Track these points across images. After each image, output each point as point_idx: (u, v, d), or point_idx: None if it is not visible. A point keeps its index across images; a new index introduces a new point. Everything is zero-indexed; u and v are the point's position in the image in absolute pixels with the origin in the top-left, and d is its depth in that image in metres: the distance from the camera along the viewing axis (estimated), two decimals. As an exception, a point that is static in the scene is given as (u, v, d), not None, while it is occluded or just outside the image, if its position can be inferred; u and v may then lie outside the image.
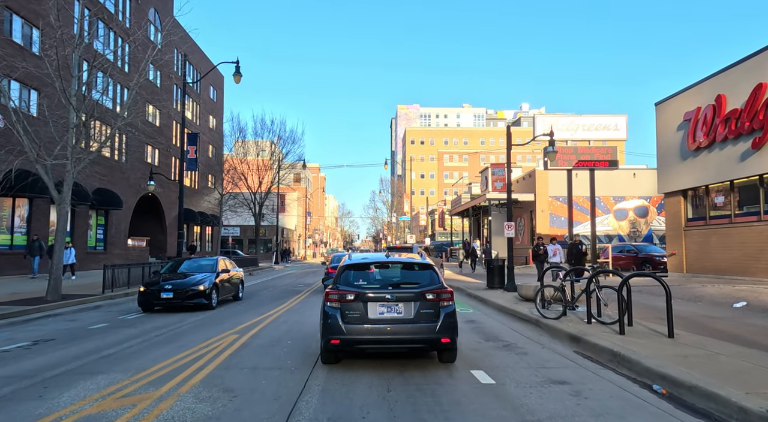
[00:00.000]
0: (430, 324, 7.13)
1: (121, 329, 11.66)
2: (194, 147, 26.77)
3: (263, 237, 77.72)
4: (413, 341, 7.22)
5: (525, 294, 14.57)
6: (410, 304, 7.21)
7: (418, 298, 7.23)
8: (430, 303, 7.23)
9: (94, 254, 31.22)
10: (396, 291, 7.33)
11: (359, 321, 7.15)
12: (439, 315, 7.19)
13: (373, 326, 7.13)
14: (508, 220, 17.77)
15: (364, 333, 7.13)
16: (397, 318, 7.18)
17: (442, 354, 7.66)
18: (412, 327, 7.14)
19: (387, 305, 7.21)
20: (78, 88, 16.38)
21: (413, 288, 7.39)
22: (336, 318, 7.19)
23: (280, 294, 20.08)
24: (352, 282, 7.56)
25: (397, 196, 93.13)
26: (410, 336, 7.16)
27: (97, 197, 30.84)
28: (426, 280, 7.56)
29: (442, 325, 7.14)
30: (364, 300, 7.21)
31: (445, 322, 7.16)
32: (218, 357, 8.36)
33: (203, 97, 51.67)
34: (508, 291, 17.26)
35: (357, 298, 7.22)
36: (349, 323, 7.15)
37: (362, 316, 7.17)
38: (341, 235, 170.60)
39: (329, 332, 7.21)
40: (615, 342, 8.29)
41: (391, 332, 7.12)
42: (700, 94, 20.05)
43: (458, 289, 20.22)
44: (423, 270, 7.76)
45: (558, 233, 37.05)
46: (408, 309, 7.20)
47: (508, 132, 18.02)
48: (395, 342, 7.23)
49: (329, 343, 7.23)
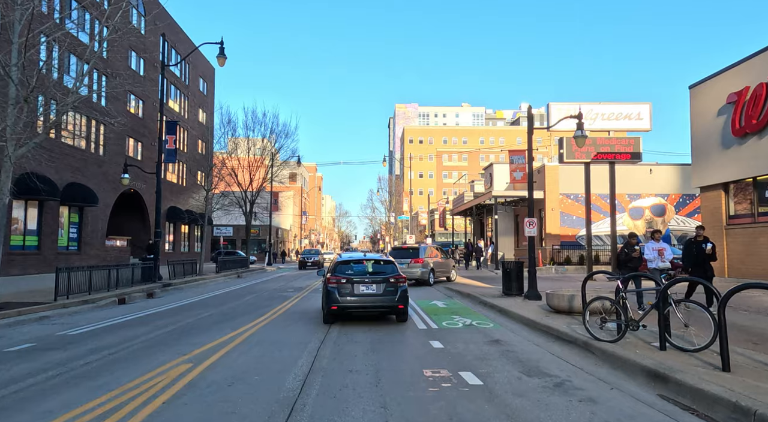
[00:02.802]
0: (392, 297, 11.19)
1: (47, 352, 9.01)
2: (173, 136, 24.10)
3: (257, 238, 75.10)
4: (382, 307, 11.32)
5: (557, 305, 11.93)
6: (380, 284, 11.22)
7: (385, 281, 11.24)
8: (392, 284, 11.26)
9: (66, 255, 28.47)
10: (371, 277, 11.39)
11: (349, 295, 11.14)
12: (397, 291, 11.24)
13: (358, 298, 11.17)
14: (530, 216, 15.13)
15: (352, 302, 11.15)
16: (372, 293, 11.20)
17: (398, 316, 11.58)
18: (381, 298, 11.20)
19: (366, 285, 11.22)
20: (19, 57, 13.68)
21: (381, 275, 11.42)
22: (335, 293, 11.13)
23: (264, 301, 17.43)
24: (344, 271, 11.55)
25: (395, 196, 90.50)
26: (380, 304, 11.25)
27: (68, 192, 28.16)
28: (389, 270, 11.64)
29: (399, 297, 11.22)
30: (352, 282, 11.20)
31: (400, 296, 11.25)
32: (145, 407, 5.71)
33: (192, 89, 48.94)
34: (530, 300, 14.63)
35: (347, 281, 11.21)
36: (342, 296, 11.12)
37: (351, 292, 11.14)
38: (338, 236, 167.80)
39: (331, 302, 11.10)
40: (727, 384, 5.68)
41: (368, 301, 11.21)
42: (748, 72, 17.45)
43: (469, 296, 17.59)
44: (387, 264, 11.89)
45: (569, 233, 34.49)
46: (378, 287, 11.21)
47: (529, 114, 15.38)
48: (371, 308, 11.32)
49: (331, 309, 11.14)
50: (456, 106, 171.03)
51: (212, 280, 28.36)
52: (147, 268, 22.18)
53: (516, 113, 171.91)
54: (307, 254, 48.21)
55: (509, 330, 10.96)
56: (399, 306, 11.18)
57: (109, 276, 18.29)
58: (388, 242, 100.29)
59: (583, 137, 14.75)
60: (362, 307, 11.21)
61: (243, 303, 16.96)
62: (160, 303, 17.57)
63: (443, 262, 25.90)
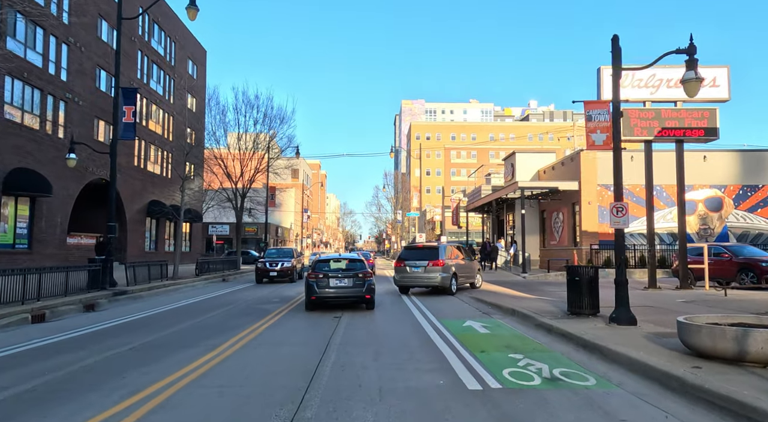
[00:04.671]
0: (360, 289, 13.98)
1: None
2: (132, 107, 19.21)
3: (254, 237, 70.30)
4: (352, 297, 14.10)
5: (708, 346, 6.91)
6: (351, 279, 14.00)
7: (354, 276, 14.01)
8: (360, 278, 14.02)
9: (11, 254, 23.71)
10: (344, 273, 14.14)
11: (325, 287, 13.89)
12: (365, 284, 14.01)
13: (332, 289, 13.91)
14: (617, 200, 10.15)
15: (328, 293, 13.92)
16: (344, 285, 13.97)
17: (367, 304, 14.42)
18: (352, 290, 13.99)
19: (339, 279, 13.98)
20: None
21: (352, 271, 14.17)
22: (314, 286, 13.91)
23: (231, 320, 12.55)
24: (321, 268, 14.28)
25: (402, 192, 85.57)
26: (351, 294, 14.04)
27: (14, 179, 23.40)
28: (359, 267, 14.37)
29: (366, 289, 14.01)
30: (328, 277, 13.97)
31: (367, 288, 14.02)
32: None
33: (179, 71, 44.07)
34: (621, 325, 9.66)
35: (324, 276, 13.97)
36: (320, 288, 13.87)
37: (327, 285, 13.90)
38: (343, 236, 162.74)
39: (311, 293, 13.93)
40: None
41: (341, 292, 13.97)
42: None
43: (515, 313, 12.67)
44: (357, 262, 14.64)
45: (609, 230, 29.44)
46: (349, 281, 13.98)
47: (614, 43, 10.36)
48: (343, 297, 14.06)
49: (310, 299, 14.02)
50: (464, 102, 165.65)
51: (187, 285, 23.50)
52: (94, 272, 17.36)
53: (525, 110, 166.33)
54: (271, 256, 27.06)
55: (635, 396, 6.01)
56: (366, 296, 14.04)
57: (24, 283, 13.44)
58: (394, 241, 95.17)
59: (697, 80, 9.79)
60: (336, 297, 13.96)
61: (198, 324, 12.08)
62: (95, 320, 12.78)
63: (466, 265, 20.99)
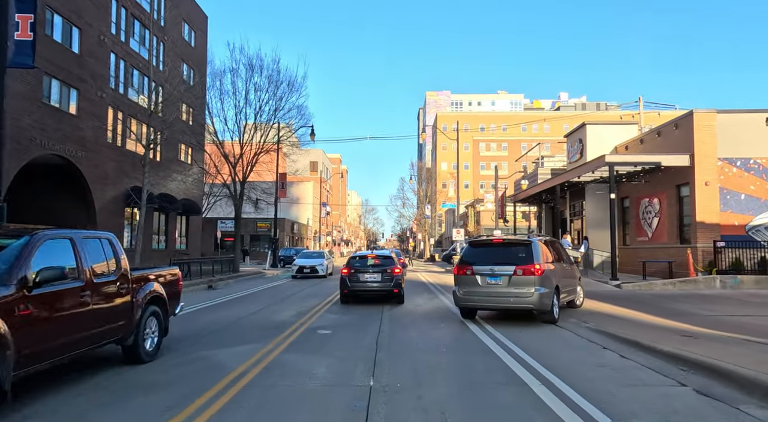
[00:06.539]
0: (389, 283, 15.50)
1: None
2: (30, 16, 11.87)
3: (266, 233, 63.23)
4: (382, 291, 15.63)
5: None
6: (380, 274, 15.62)
7: (383, 272, 15.66)
8: (389, 274, 15.58)
9: None
10: (374, 268, 15.80)
11: (357, 282, 15.65)
12: (393, 279, 15.52)
13: (364, 284, 15.63)
14: None
15: (360, 287, 15.65)
16: (375, 280, 15.60)
17: (396, 298, 15.83)
18: (381, 284, 15.55)
19: (370, 275, 15.66)
20: None
21: (381, 267, 15.82)
22: (347, 280, 15.68)
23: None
24: (354, 264, 16.12)
25: (431, 184, 77.61)
26: (380, 288, 15.60)
27: None
28: (388, 263, 15.92)
29: (394, 284, 15.53)
30: (359, 272, 15.76)
31: (395, 282, 15.54)
32: None
33: (170, 34, 36.67)
34: None
35: (356, 271, 15.81)
36: (352, 282, 15.65)
37: (358, 280, 15.66)
38: (365, 234, 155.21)
39: (344, 287, 15.72)
40: None
41: (371, 286, 15.61)
42: None
43: (721, 375, 4.93)
44: (387, 258, 16.29)
45: (735, 222, 21.33)
46: (378, 276, 15.61)
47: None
48: (374, 291, 15.66)
49: (343, 292, 15.79)
50: (492, 94, 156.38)
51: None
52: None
53: (555, 103, 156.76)
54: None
55: None
56: (394, 290, 15.63)
57: None
58: (420, 239, 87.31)
59: None
60: (366, 291, 15.71)
61: None
62: None
63: (567, 271, 13.24)
